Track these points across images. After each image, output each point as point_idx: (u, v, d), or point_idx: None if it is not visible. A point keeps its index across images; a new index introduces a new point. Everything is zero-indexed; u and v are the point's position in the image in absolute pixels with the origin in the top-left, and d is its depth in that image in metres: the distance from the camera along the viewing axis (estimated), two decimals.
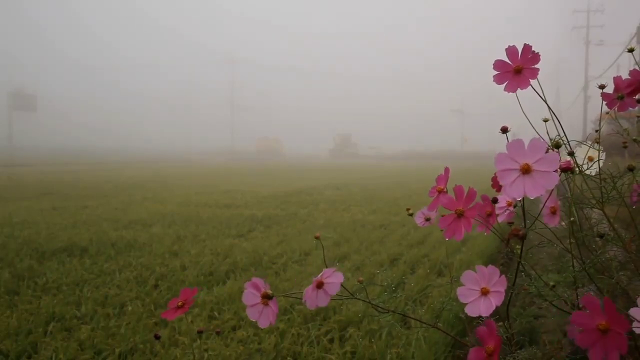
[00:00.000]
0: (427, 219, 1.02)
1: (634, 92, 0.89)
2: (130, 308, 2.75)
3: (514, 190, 0.66)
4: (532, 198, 0.68)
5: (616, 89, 0.90)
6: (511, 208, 0.89)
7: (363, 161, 39.68)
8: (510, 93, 0.79)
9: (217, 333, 2.34)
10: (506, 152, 0.67)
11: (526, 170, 0.65)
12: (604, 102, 0.91)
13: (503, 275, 0.74)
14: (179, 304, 0.86)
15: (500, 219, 0.88)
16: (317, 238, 0.85)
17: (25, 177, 14.54)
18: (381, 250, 4.28)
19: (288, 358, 2.20)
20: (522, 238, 0.79)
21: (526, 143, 0.66)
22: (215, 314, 2.70)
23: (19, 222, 5.60)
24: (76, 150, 48.59)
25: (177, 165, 25.74)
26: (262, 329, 2.45)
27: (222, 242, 4.62)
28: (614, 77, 0.90)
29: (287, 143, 62.70)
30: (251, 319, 0.79)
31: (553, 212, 0.85)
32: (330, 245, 4.48)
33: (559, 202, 0.86)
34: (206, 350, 2.23)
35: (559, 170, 0.78)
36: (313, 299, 0.79)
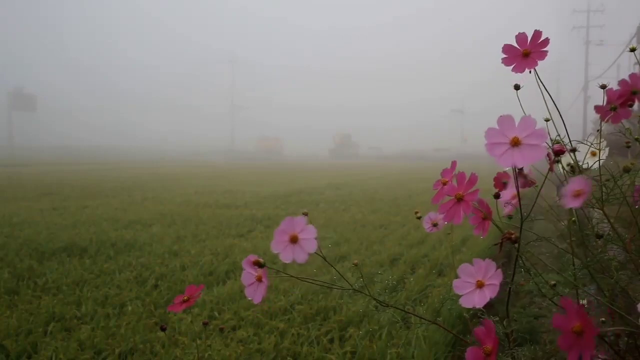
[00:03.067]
0: (435, 225, 0.99)
1: (625, 103, 0.89)
2: (130, 308, 2.75)
3: (503, 160, 0.68)
4: (519, 168, 0.69)
5: (609, 101, 0.90)
6: (515, 201, 0.88)
7: (363, 161, 39.65)
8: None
9: (221, 330, 2.35)
10: (497, 126, 0.69)
11: (515, 143, 0.67)
12: (599, 115, 0.91)
13: (499, 269, 0.74)
14: (185, 298, 0.88)
15: (505, 212, 0.89)
16: (305, 214, 0.79)
17: (25, 177, 14.54)
18: (381, 250, 4.28)
19: (288, 358, 2.20)
20: (515, 242, 0.79)
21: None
22: (216, 313, 2.71)
23: (19, 222, 5.59)
24: (76, 150, 48.56)
25: (177, 165, 25.73)
26: (262, 329, 2.45)
27: (222, 242, 4.62)
28: (606, 90, 0.90)
29: (287, 143, 62.65)
30: (248, 298, 0.79)
31: (577, 195, 0.76)
32: (331, 245, 4.48)
33: (589, 183, 0.76)
34: (206, 350, 2.23)
35: (552, 153, 0.79)
36: (288, 253, 0.74)
